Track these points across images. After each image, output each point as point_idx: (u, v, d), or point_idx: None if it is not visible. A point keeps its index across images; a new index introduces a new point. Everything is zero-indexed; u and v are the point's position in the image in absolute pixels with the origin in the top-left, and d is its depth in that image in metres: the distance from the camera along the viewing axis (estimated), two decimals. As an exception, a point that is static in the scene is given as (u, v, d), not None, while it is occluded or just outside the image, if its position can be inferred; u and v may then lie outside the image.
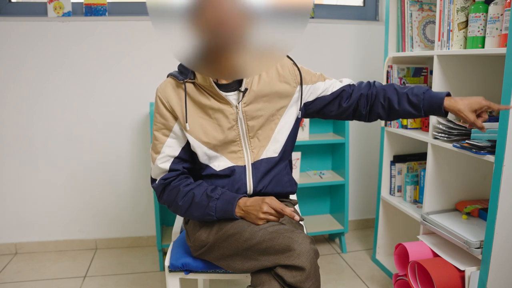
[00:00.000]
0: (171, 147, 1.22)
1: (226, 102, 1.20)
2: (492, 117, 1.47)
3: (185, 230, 1.34)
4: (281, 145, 1.28)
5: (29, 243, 2.31)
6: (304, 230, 1.34)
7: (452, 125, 1.55)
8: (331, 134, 2.36)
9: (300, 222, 1.32)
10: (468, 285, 1.43)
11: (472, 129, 1.47)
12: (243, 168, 1.25)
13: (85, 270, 2.11)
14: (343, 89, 1.31)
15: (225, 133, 1.22)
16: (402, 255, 1.71)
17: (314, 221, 2.40)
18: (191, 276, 1.28)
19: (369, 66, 2.43)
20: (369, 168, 2.55)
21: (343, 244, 2.30)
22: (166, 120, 1.21)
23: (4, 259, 2.22)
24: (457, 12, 1.52)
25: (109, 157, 2.28)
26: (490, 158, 1.35)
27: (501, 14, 1.36)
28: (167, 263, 1.28)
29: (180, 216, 1.37)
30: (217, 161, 1.24)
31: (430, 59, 1.85)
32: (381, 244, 2.13)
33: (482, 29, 1.45)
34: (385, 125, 1.98)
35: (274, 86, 1.23)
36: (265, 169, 1.27)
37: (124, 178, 2.32)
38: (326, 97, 1.31)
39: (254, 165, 1.25)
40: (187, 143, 1.22)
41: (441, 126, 1.58)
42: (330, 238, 2.47)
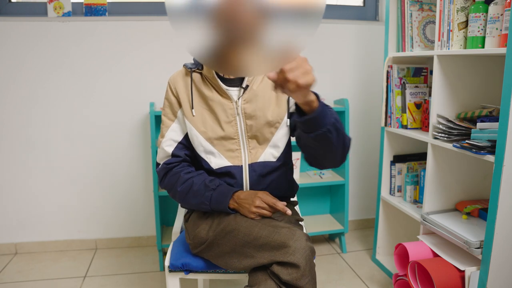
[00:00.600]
0: (175, 132, 1.28)
1: (227, 96, 1.23)
2: (492, 117, 1.47)
3: (185, 228, 1.34)
4: (281, 151, 1.28)
5: (29, 243, 2.31)
6: (304, 230, 1.33)
7: (452, 125, 1.55)
8: (331, 134, 2.36)
9: (300, 222, 1.32)
10: (468, 285, 1.43)
11: (472, 129, 1.47)
12: (240, 168, 1.25)
13: (85, 270, 2.11)
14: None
15: (223, 127, 1.23)
16: (402, 255, 1.71)
17: (314, 221, 2.40)
18: (191, 276, 1.28)
19: (369, 66, 2.43)
20: (369, 168, 2.55)
21: (343, 244, 2.30)
22: (172, 105, 1.28)
23: (4, 259, 2.22)
24: (457, 12, 1.52)
25: (109, 157, 2.28)
26: (490, 158, 1.35)
27: (501, 14, 1.36)
28: (167, 263, 1.28)
29: (178, 202, 1.39)
30: (214, 158, 1.25)
31: (430, 59, 1.85)
32: (381, 244, 2.13)
33: (482, 29, 1.45)
34: (385, 125, 1.98)
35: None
36: (263, 173, 1.26)
37: (124, 178, 2.32)
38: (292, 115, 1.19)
39: (252, 167, 1.25)
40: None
41: (441, 126, 1.58)
42: (330, 238, 2.47)
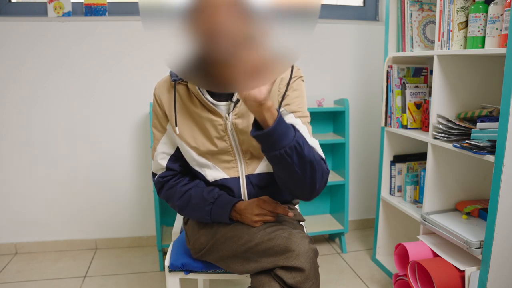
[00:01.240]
0: (166, 144, 1.21)
1: (216, 112, 1.12)
2: (492, 117, 1.47)
3: (185, 232, 1.33)
4: None
5: (29, 243, 2.31)
6: (305, 231, 1.33)
7: (452, 125, 1.55)
8: (331, 134, 2.36)
9: (301, 223, 1.32)
10: (468, 285, 1.43)
11: (472, 129, 1.47)
12: (237, 180, 1.19)
13: (85, 270, 2.11)
14: None
15: (215, 143, 1.14)
16: (402, 255, 1.71)
17: (314, 221, 2.40)
18: (191, 276, 1.28)
19: (369, 66, 2.43)
20: (369, 168, 2.55)
21: (343, 244, 2.30)
22: (160, 118, 1.20)
23: (4, 259, 2.22)
24: (457, 12, 1.52)
25: (109, 157, 2.28)
26: (490, 158, 1.35)
27: (501, 14, 1.36)
28: (167, 263, 1.28)
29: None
30: (210, 171, 1.19)
31: (430, 59, 1.85)
32: (381, 244, 2.13)
33: (482, 29, 1.45)
34: (385, 125, 1.98)
35: None
36: (261, 185, 1.20)
37: (124, 178, 2.32)
38: None
39: (249, 178, 1.19)
40: None
41: (441, 126, 1.58)
42: (330, 238, 2.47)
